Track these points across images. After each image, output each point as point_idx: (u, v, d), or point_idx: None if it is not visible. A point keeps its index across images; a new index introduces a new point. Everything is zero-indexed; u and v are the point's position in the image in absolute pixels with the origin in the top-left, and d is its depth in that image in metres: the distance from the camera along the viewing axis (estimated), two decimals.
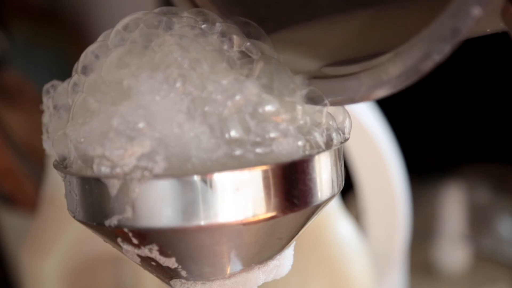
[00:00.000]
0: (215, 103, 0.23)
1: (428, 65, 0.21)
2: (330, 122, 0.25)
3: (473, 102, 0.75)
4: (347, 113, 0.26)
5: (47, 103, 0.26)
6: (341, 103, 0.24)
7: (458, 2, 0.21)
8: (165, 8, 0.26)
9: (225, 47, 0.25)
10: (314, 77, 0.24)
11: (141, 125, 0.23)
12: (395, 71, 0.22)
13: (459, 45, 0.21)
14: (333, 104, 0.24)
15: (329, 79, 0.24)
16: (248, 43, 0.25)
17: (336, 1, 0.27)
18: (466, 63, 0.71)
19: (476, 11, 0.20)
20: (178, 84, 0.23)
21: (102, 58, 0.25)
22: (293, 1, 0.28)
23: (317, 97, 0.24)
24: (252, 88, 0.24)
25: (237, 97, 0.23)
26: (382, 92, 0.23)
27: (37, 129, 0.27)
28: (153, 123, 0.23)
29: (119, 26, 0.25)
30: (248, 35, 0.25)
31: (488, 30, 0.23)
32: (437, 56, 0.21)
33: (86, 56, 0.25)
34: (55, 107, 0.26)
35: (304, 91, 0.24)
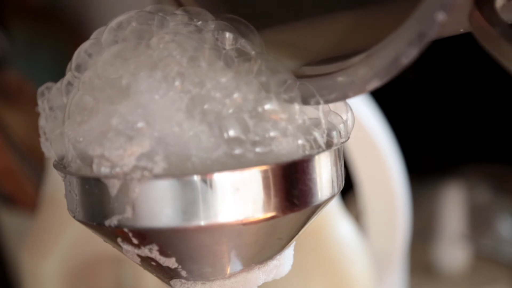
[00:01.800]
0: (214, 101, 0.23)
1: (396, 68, 0.22)
2: (331, 122, 0.25)
3: (473, 102, 0.75)
4: (349, 113, 0.26)
5: (42, 105, 0.26)
6: (331, 101, 0.25)
7: (423, 7, 0.21)
8: (158, 6, 0.26)
9: (221, 44, 0.25)
10: (296, 76, 0.25)
11: (140, 124, 0.23)
12: (367, 73, 0.23)
13: (428, 46, 0.21)
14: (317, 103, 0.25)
15: (307, 79, 0.24)
16: (243, 40, 0.25)
17: (319, 3, 0.27)
18: (466, 63, 0.71)
19: (441, 16, 0.21)
20: (177, 83, 0.23)
21: (95, 56, 0.25)
22: (276, 1, 0.28)
23: (310, 95, 0.24)
24: (250, 86, 0.24)
25: (236, 95, 0.23)
26: (357, 92, 0.23)
27: (37, 129, 0.27)
28: (152, 123, 0.23)
29: (113, 24, 0.25)
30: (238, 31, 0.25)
31: (461, 30, 0.23)
32: (405, 60, 0.22)
33: (79, 54, 0.25)
34: (50, 108, 0.26)
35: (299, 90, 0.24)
